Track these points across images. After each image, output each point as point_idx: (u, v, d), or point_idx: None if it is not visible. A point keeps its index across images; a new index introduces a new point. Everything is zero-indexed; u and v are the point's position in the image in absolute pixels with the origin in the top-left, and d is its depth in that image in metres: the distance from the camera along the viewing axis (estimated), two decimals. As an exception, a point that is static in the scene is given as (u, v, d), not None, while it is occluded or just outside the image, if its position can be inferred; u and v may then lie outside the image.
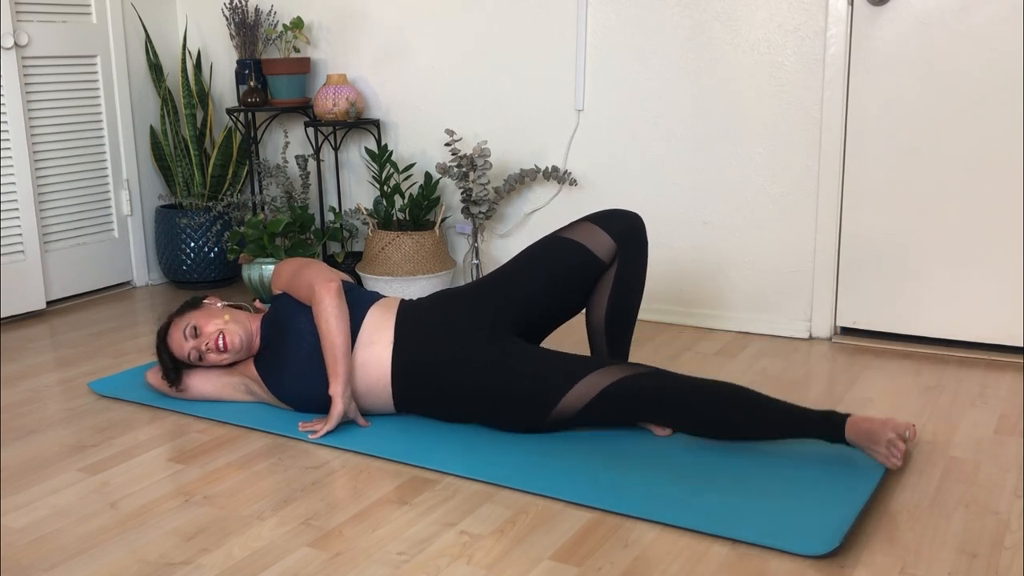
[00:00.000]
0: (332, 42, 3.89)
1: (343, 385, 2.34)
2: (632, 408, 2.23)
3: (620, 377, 2.21)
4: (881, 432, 2.07)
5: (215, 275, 4.00)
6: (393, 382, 2.38)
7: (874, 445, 2.08)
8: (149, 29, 3.99)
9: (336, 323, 2.36)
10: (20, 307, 3.59)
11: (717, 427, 2.20)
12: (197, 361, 2.52)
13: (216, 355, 2.49)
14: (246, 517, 2.00)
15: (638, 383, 2.20)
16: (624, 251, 2.38)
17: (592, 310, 2.43)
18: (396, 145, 3.83)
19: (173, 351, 2.53)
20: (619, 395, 2.20)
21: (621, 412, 2.24)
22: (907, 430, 2.08)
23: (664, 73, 3.26)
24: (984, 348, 2.97)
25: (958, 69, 2.84)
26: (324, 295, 2.38)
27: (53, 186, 3.73)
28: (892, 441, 2.05)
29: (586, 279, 2.41)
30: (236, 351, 2.49)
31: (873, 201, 3.03)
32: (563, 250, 2.41)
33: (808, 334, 3.18)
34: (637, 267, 2.41)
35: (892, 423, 2.08)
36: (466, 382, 2.32)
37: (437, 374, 2.34)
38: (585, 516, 1.97)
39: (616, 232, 2.38)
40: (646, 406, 2.21)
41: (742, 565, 1.78)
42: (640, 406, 2.22)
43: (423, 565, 1.80)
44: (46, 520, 2.01)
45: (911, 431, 2.09)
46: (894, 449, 2.05)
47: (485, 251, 3.69)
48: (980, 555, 1.80)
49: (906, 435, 2.08)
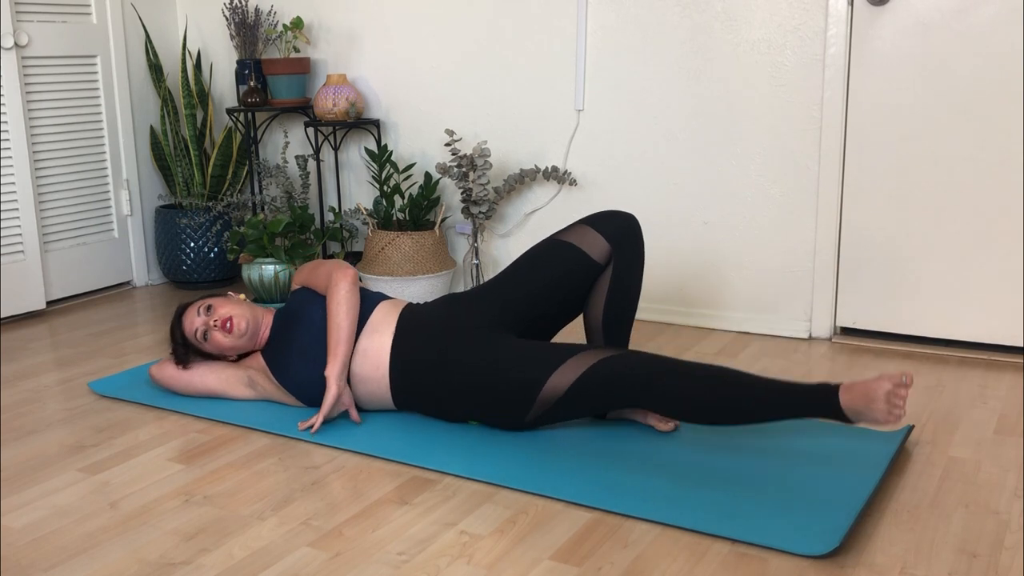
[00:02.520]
0: (332, 42, 3.89)
1: (340, 367, 2.37)
2: (618, 389, 2.15)
3: (604, 357, 2.17)
4: (877, 387, 1.96)
5: (215, 275, 4.01)
6: (391, 374, 2.40)
7: (872, 404, 1.97)
8: (149, 29, 3.99)
9: (346, 308, 2.40)
10: (20, 307, 3.59)
11: (705, 407, 2.09)
12: (203, 340, 2.56)
13: (220, 335, 2.53)
14: (246, 517, 2.00)
15: (623, 362, 2.15)
16: (618, 252, 2.38)
17: (589, 311, 2.44)
18: (396, 145, 3.83)
19: (184, 328, 2.59)
20: (604, 374, 2.15)
21: (607, 395, 2.17)
22: (903, 376, 1.96)
23: (664, 73, 3.26)
24: (984, 348, 2.97)
25: (958, 69, 2.84)
26: (341, 280, 2.45)
27: (53, 186, 3.73)
28: (891, 392, 1.95)
29: (581, 280, 2.41)
30: (240, 335, 2.53)
31: (873, 201, 3.03)
32: (558, 252, 2.42)
33: (808, 334, 3.18)
34: (633, 268, 2.41)
35: (885, 375, 1.98)
36: (457, 377, 2.33)
37: (432, 371, 2.36)
38: (585, 516, 1.97)
39: (609, 233, 2.39)
40: (632, 387, 2.13)
41: (742, 565, 1.78)
42: (626, 386, 2.14)
43: (423, 565, 1.80)
44: (46, 520, 2.01)
45: (908, 377, 1.96)
46: (895, 399, 1.95)
47: (485, 251, 3.69)
48: (980, 555, 1.80)
49: (903, 380, 1.96)
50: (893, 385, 1.96)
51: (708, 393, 2.08)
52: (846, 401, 2.00)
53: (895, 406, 1.95)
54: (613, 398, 2.18)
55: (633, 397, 2.15)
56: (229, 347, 2.56)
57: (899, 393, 1.96)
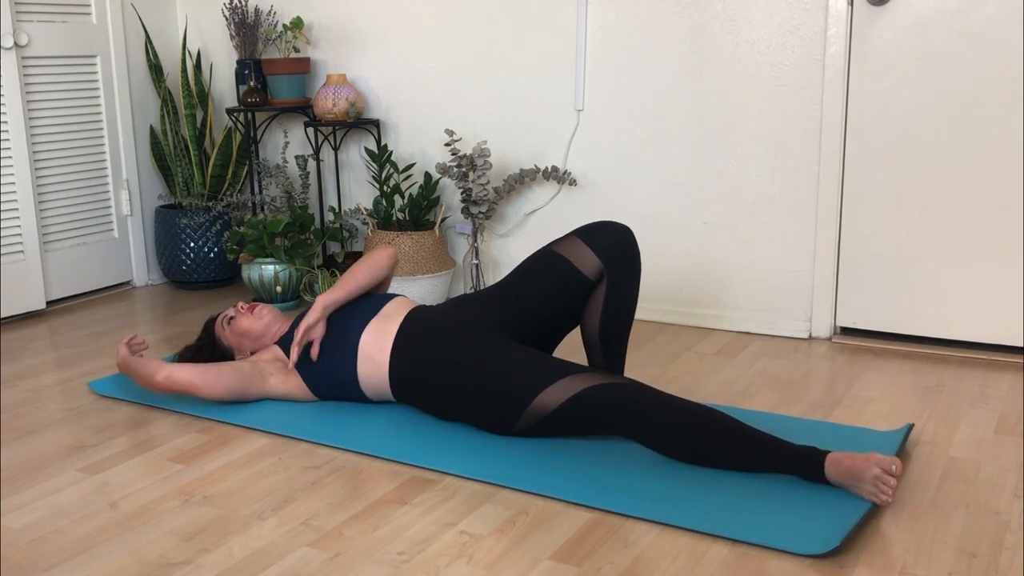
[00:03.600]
0: (332, 42, 3.89)
1: (332, 299, 2.50)
2: (607, 415, 2.14)
3: (600, 383, 2.15)
4: (865, 468, 1.95)
5: (215, 275, 4.00)
6: (391, 364, 2.43)
7: (858, 483, 1.96)
8: (149, 29, 3.99)
9: (368, 264, 2.59)
10: (20, 307, 3.59)
11: (693, 451, 2.11)
12: (224, 327, 2.69)
13: (244, 317, 2.66)
14: (246, 517, 2.00)
15: (618, 393, 2.13)
16: (611, 267, 2.36)
17: (585, 323, 2.43)
18: (396, 145, 3.83)
19: (215, 324, 2.73)
20: (596, 399, 2.14)
21: (595, 420, 2.16)
22: (892, 464, 1.94)
23: (664, 73, 3.26)
24: (984, 348, 2.97)
25: (958, 69, 2.84)
26: (381, 250, 2.65)
27: (53, 186, 3.73)
28: (879, 477, 1.93)
29: (574, 294, 2.40)
30: (260, 317, 2.67)
31: (873, 201, 3.03)
32: (551, 264, 2.42)
33: (808, 334, 3.18)
34: (627, 282, 2.38)
35: (875, 458, 1.95)
36: (454, 375, 2.33)
37: (430, 367, 2.37)
38: (585, 516, 1.97)
39: (600, 248, 2.37)
40: (622, 417, 2.12)
41: (742, 565, 1.78)
42: (616, 415, 2.12)
43: (423, 565, 1.80)
44: (46, 520, 2.01)
45: (897, 466, 1.94)
46: (882, 485, 1.93)
47: (485, 251, 3.69)
48: (980, 555, 1.80)
49: (892, 469, 1.94)
50: (881, 471, 1.94)
51: (699, 438, 2.09)
52: (832, 474, 2.00)
53: (882, 492, 1.94)
54: (601, 425, 2.17)
55: (621, 429, 2.15)
56: (247, 328, 2.65)
57: (887, 480, 1.94)
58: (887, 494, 1.93)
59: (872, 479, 1.94)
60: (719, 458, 2.10)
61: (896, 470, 1.94)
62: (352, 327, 2.49)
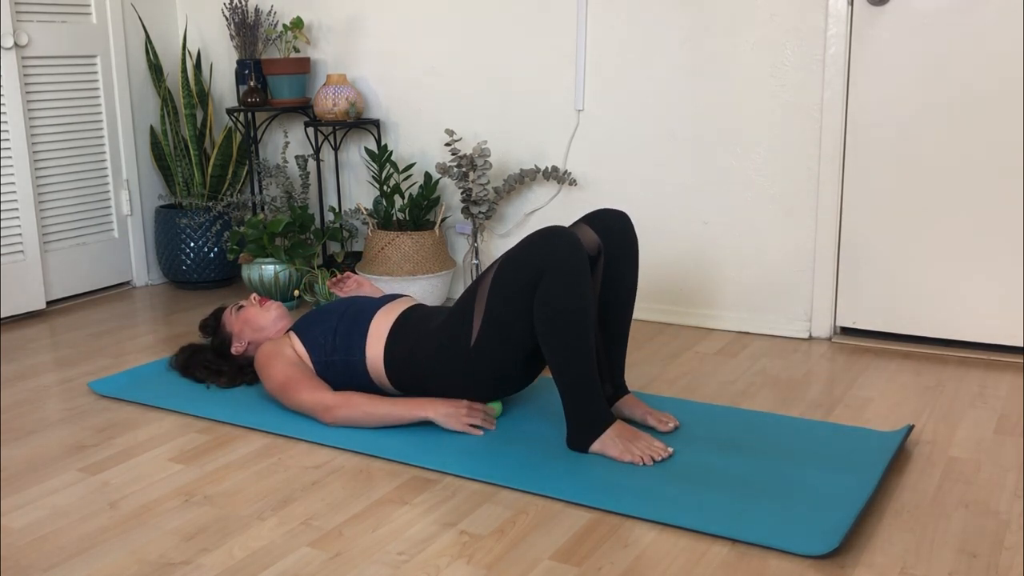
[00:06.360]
0: (332, 42, 3.89)
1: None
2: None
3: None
4: (641, 435, 2.23)
5: (215, 275, 4.00)
6: (386, 353, 2.45)
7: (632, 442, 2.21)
8: (149, 29, 3.99)
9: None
10: (20, 307, 3.59)
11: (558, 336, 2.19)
12: (235, 312, 2.77)
13: (253, 307, 2.74)
14: (246, 517, 2.00)
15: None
16: (608, 243, 2.38)
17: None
18: (396, 145, 3.83)
19: (226, 310, 2.82)
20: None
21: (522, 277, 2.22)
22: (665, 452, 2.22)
23: (664, 73, 3.26)
24: (984, 348, 2.97)
25: (958, 69, 2.84)
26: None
27: (53, 186, 3.73)
28: (649, 444, 2.22)
29: None
30: (267, 311, 2.73)
31: (873, 201, 3.03)
32: None
33: (808, 334, 3.18)
34: (625, 259, 2.39)
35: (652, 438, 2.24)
36: (433, 340, 2.38)
37: (417, 362, 2.40)
38: (585, 516, 1.97)
39: (599, 227, 2.39)
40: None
41: (742, 565, 1.78)
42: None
43: (423, 565, 1.80)
44: (46, 520, 2.01)
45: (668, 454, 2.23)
46: (647, 450, 2.20)
47: (485, 251, 3.69)
48: (980, 555, 1.80)
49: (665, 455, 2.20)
50: (652, 441, 2.23)
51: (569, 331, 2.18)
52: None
53: (644, 456, 2.20)
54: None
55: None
56: (251, 318, 2.72)
57: (656, 450, 2.22)
58: (648, 461, 2.17)
59: (643, 445, 2.20)
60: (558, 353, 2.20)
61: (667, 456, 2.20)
62: (366, 309, 2.56)
